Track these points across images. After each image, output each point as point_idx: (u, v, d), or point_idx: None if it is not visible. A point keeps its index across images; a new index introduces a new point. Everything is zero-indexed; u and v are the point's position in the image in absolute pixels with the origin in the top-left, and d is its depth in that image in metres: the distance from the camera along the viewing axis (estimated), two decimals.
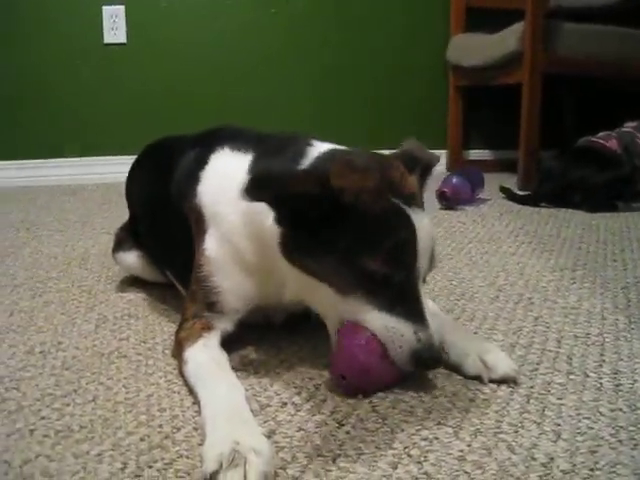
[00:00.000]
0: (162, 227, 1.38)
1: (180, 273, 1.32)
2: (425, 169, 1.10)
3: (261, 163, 1.12)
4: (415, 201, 0.99)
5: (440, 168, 3.48)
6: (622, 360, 1.14)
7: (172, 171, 1.27)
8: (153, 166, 1.47)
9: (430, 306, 1.19)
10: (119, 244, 1.61)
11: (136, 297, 1.57)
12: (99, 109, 3.46)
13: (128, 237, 1.58)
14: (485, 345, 1.10)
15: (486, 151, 3.68)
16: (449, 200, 2.51)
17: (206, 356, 1.06)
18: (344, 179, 0.96)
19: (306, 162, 1.06)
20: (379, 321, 0.96)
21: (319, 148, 1.09)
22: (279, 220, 0.97)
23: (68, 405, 1.03)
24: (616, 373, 1.09)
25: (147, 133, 1.69)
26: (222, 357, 1.08)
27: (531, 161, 2.87)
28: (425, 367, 1.00)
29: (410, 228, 0.95)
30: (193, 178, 1.18)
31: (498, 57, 3.02)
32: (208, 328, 1.12)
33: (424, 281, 1.02)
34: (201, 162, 1.20)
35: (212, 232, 1.15)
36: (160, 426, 0.96)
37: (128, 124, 3.43)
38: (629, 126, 2.65)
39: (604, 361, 1.14)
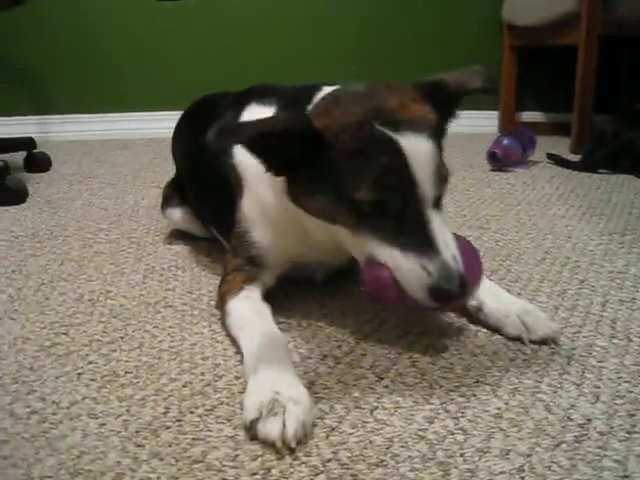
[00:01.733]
0: (204, 185, 1.39)
1: (223, 229, 1.33)
2: (450, 96, 1.04)
3: (279, 114, 1.13)
4: (411, 126, 0.92)
5: (491, 129, 3.46)
6: None
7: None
8: (195, 125, 1.48)
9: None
10: (166, 200, 1.64)
11: (183, 250, 1.60)
12: (152, 65, 3.49)
13: (175, 193, 1.60)
14: (525, 306, 1.09)
15: (539, 113, 3.59)
16: (499, 161, 2.46)
17: (248, 307, 1.08)
18: (327, 117, 0.95)
19: (310, 105, 1.05)
20: (390, 258, 0.92)
21: (326, 91, 1.06)
22: (266, 167, 0.97)
23: (114, 351, 1.07)
24: None
25: (197, 88, 1.69)
26: (264, 308, 1.10)
27: (585, 125, 2.79)
28: (446, 301, 0.91)
29: (396, 153, 0.90)
30: None
31: (554, 17, 2.92)
32: (250, 281, 1.14)
33: (438, 207, 0.95)
34: (234, 119, 1.21)
35: (246, 190, 1.16)
36: (202, 374, 0.99)
37: (180, 80, 3.44)
38: None
39: None
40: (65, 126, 3.44)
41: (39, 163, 2.57)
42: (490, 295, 1.11)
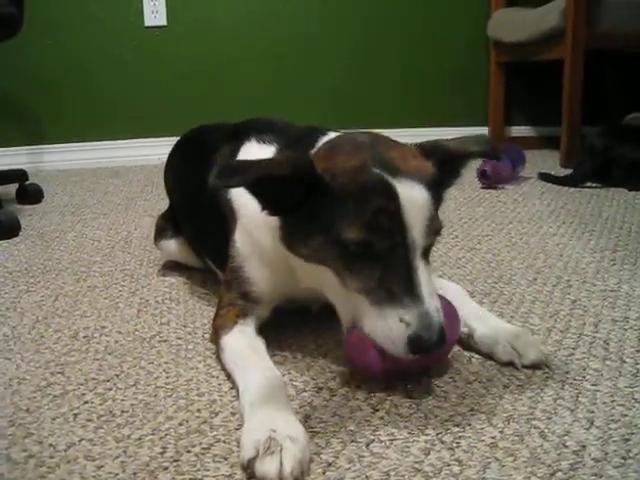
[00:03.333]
0: (199, 217, 1.40)
1: (218, 261, 1.34)
2: (451, 157, 1.05)
3: (281, 155, 1.14)
4: (408, 175, 0.93)
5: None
6: None
7: (208, 163, 1.29)
8: (189, 156, 1.50)
9: (453, 289, 1.19)
10: (160, 232, 1.64)
11: (177, 281, 1.60)
12: (141, 92, 3.51)
13: (168, 225, 1.61)
14: (515, 331, 1.10)
15: (528, 127, 3.62)
16: (489, 179, 2.48)
17: (242, 342, 1.09)
18: (328, 161, 0.96)
19: (314, 150, 1.06)
20: (369, 318, 0.93)
21: (329, 137, 1.09)
22: (262, 207, 0.98)
23: (110, 389, 1.07)
24: None
25: (190, 115, 1.72)
26: (258, 343, 1.10)
27: (573, 138, 2.82)
28: (425, 350, 0.90)
29: (391, 196, 0.91)
30: None
31: (540, 32, 2.95)
32: (244, 315, 1.14)
33: (426, 257, 0.96)
34: (232, 155, 1.23)
35: (239, 225, 1.17)
36: (198, 411, 0.99)
37: (170, 106, 3.47)
38: None
39: None
40: (56, 155, 3.45)
41: (31, 195, 2.58)
42: (480, 321, 1.11)
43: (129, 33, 3.46)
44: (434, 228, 0.95)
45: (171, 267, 1.68)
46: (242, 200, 1.13)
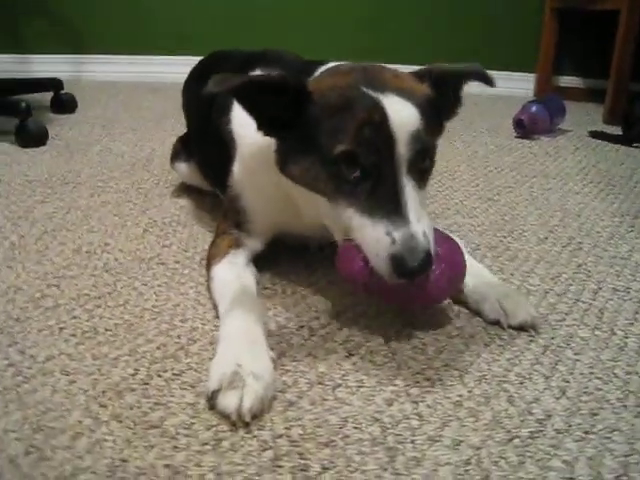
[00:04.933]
0: (207, 142, 1.39)
1: (221, 188, 1.33)
2: (444, 79, 1.03)
3: None
4: (398, 92, 0.93)
5: (527, 92, 3.36)
6: None
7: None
8: (202, 82, 1.47)
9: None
10: (176, 154, 1.65)
11: (188, 203, 1.61)
12: (186, 7, 3.45)
13: (184, 147, 1.61)
14: (506, 290, 1.08)
15: (577, 78, 3.46)
16: (525, 128, 2.40)
17: (231, 274, 1.09)
18: (320, 82, 0.98)
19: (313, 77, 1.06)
20: (359, 228, 0.91)
21: (329, 65, 1.09)
22: (257, 124, 0.98)
23: (99, 307, 1.09)
24: None
25: (232, 35, 1.67)
26: (247, 275, 1.11)
27: (620, 93, 2.68)
28: (407, 275, 0.87)
29: (377, 109, 0.90)
30: (229, 103, 1.19)
31: None
32: (236, 245, 1.15)
33: (419, 180, 0.93)
34: None
35: (238, 155, 1.16)
36: (178, 337, 1.00)
37: (214, 25, 3.41)
38: None
39: (636, 319, 1.09)
40: (96, 66, 3.45)
41: (65, 105, 2.59)
42: (472, 276, 1.09)
43: None
44: (423, 147, 0.93)
45: (185, 189, 1.68)
46: (242, 131, 1.12)
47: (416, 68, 1.06)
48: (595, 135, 2.49)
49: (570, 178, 1.93)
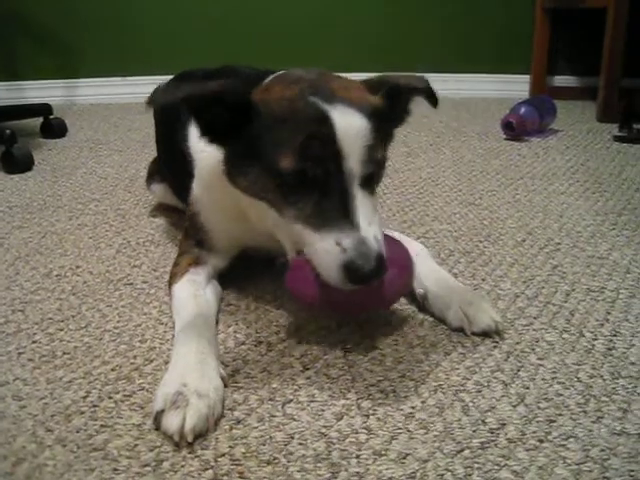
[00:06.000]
0: (173, 162, 1.38)
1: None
2: (396, 92, 1.00)
3: None
4: (346, 103, 0.90)
5: (522, 93, 3.32)
6: (627, 321, 1.06)
7: (180, 110, 1.27)
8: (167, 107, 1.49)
9: (414, 247, 1.15)
10: (151, 175, 1.65)
11: (165, 223, 1.60)
12: (175, 26, 3.46)
13: (158, 169, 1.61)
14: (469, 296, 1.05)
15: (571, 77, 3.42)
16: (514, 130, 2.36)
17: (187, 292, 1.07)
18: (265, 92, 0.95)
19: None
20: (308, 241, 0.90)
21: (279, 73, 1.05)
22: (201, 131, 0.97)
23: (61, 330, 1.08)
24: (615, 335, 1.02)
25: (226, 53, 1.67)
26: (207, 293, 1.09)
27: (612, 90, 2.64)
28: (360, 282, 0.86)
29: (324, 122, 0.88)
30: (188, 120, 1.19)
31: None
32: (196, 264, 1.13)
33: (368, 187, 0.92)
34: None
35: (197, 173, 1.15)
36: (135, 357, 0.99)
37: (206, 44, 3.42)
38: None
39: (607, 320, 1.06)
40: (88, 90, 3.47)
41: (55, 129, 2.60)
42: (435, 283, 1.07)
43: None
44: (374, 158, 0.91)
45: (163, 208, 1.67)
46: (198, 146, 1.10)
47: (406, 72, 1.04)
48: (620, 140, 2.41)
49: (556, 178, 1.90)
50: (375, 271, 0.85)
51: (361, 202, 0.88)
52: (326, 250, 0.87)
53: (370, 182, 0.93)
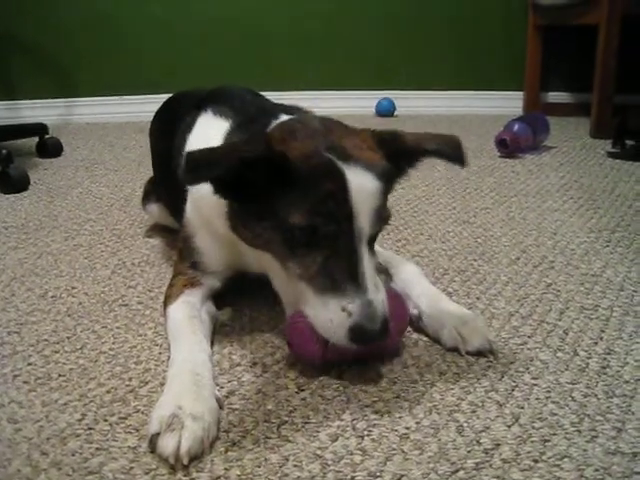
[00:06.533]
0: (168, 182, 1.39)
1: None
2: (405, 151, 1.02)
3: (233, 133, 1.12)
4: (360, 163, 0.91)
5: (516, 110, 3.34)
6: (621, 339, 1.07)
7: (174, 132, 1.28)
8: (161, 124, 1.51)
9: (408, 269, 1.16)
10: (146, 195, 1.66)
11: (160, 243, 1.60)
12: (169, 46, 3.50)
13: (154, 189, 1.61)
14: (464, 316, 1.06)
15: (565, 94, 3.45)
16: (508, 148, 2.38)
17: (182, 314, 1.07)
18: (285, 146, 0.92)
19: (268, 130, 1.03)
20: (310, 304, 0.92)
21: (282, 119, 1.06)
22: (215, 190, 0.95)
23: (57, 352, 1.08)
24: (609, 353, 1.02)
25: (221, 71, 1.69)
26: (200, 315, 1.09)
27: (605, 106, 2.67)
28: (364, 343, 0.89)
29: (340, 182, 0.89)
30: (183, 141, 1.20)
31: None
32: (191, 285, 1.14)
33: (371, 246, 0.95)
34: (190, 125, 1.22)
35: (190, 197, 1.16)
36: (130, 379, 0.99)
37: (197, 62, 3.45)
38: None
39: (601, 338, 1.07)
40: (84, 109, 3.49)
41: (50, 149, 2.62)
42: (429, 303, 1.08)
43: None
44: (382, 217, 0.94)
45: (158, 228, 1.68)
46: None
47: (403, 92, 1.05)
48: (613, 156, 2.43)
49: (550, 195, 1.91)
50: (380, 333, 0.88)
51: (367, 263, 0.90)
52: (331, 317, 0.89)
53: (374, 241, 0.96)
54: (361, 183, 0.90)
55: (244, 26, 3.50)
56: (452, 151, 1.02)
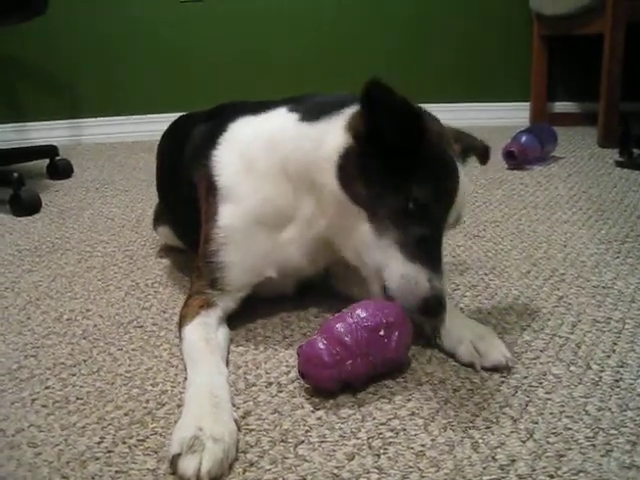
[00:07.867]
0: (179, 202, 1.41)
1: (195, 246, 1.34)
2: (467, 150, 1.19)
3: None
4: (459, 158, 1.08)
5: (523, 120, 3.36)
6: (634, 351, 1.07)
7: (182, 148, 1.29)
8: (168, 146, 1.53)
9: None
10: (157, 217, 1.67)
11: (173, 264, 1.62)
12: (178, 66, 3.53)
13: (163, 210, 1.63)
14: (480, 331, 1.07)
15: (571, 104, 3.46)
16: (516, 159, 2.39)
17: (199, 335, 1.08)
18: (430, 123, 1.07)
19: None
20: (398, 270, 1.01)
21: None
22: (368, 123, 1.04)
23: (74, 375, 1.09)
24: (622, 366, 1.03)
25: (224, 90, 1.71)
26: (216, 336, 1.10)
27: (612, 116, 2.68)
28: (432, 314, 1.01)
29: (457, 175, 1.04)
30: (210, 145, 1.21)
31: (580, 5, 2.80)
32: (207, 305, 1.14)
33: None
34: (219, 130, 1.23)
35: (225, 200, 1.17)
36: (147, 401, 1.00)
37: (206, 80, 3.48)
38: None
39: (614, 351, 1.07)
40: (94, 129, 3.53)
41: (61, 170, 2.65)
42: (447, 319, 1.08)
43: (167, 7, 3.47)
44: (461, 217, 1.10)
45: (170, 249, 1.69)
46: (233, 179, 1.17)
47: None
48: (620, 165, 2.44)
49: (559, 207, 1.92)
50: (443, 309, 1.01)
51: (442, 252, 1.06)
52: (417, 281, 1.00)
53: None
54: (465, 182, 1.06)
55: (253, 47, 3.53)
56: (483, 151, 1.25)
